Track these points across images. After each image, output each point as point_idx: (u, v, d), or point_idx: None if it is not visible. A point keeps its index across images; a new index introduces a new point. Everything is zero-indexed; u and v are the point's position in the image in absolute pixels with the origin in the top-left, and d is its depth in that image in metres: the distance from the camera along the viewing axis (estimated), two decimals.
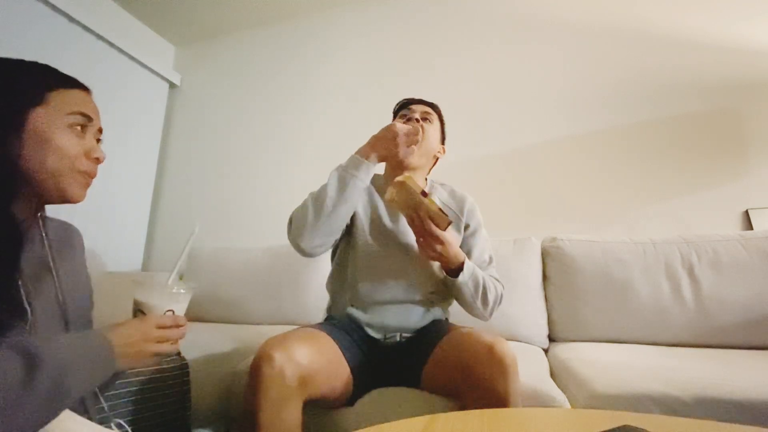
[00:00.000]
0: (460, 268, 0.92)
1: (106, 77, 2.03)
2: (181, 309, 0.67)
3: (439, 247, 0.88)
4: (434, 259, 0.92)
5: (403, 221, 0.98)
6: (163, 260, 2.24)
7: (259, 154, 2.23)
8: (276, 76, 2.30)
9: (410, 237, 0.97)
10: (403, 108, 1.14)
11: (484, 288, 0.95)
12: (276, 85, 2.29)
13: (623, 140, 1.63)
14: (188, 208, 2.30)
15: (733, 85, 1.53)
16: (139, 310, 0.65)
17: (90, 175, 0.63)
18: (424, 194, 0.86)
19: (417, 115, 1.09)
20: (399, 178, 0.87)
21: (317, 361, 0.77)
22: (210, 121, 2.39)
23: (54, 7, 1.77)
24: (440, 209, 0.86)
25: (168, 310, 0.64)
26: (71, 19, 1.84)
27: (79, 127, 0.61)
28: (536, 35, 1.83)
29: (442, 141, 1.16)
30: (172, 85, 2.47)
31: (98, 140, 0.66)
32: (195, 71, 2.50)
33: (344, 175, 0.92)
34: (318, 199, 0.91)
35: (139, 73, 2.23)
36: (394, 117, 1.15)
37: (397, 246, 1.02)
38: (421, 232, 0.88)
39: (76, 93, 0.62)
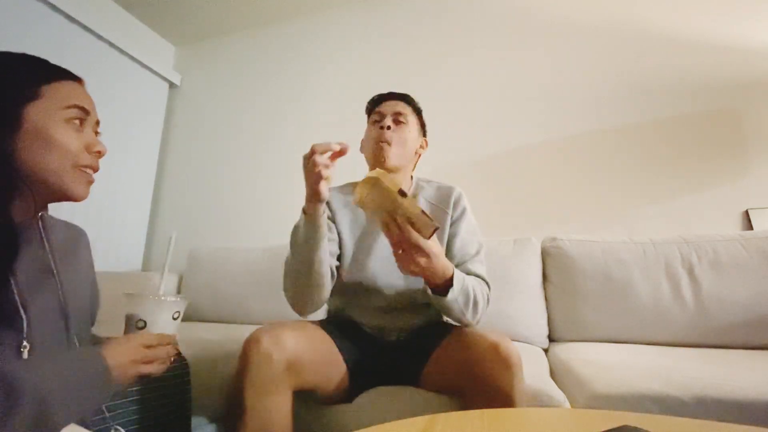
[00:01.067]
0: (448, 283, 0.79)
1: (106, 77, 2.03)
2: (176, 322, 0.63)
3: (423, 261, 0.72)
4: (416, 274, 0.76)
5: None
6: (163, 260, 2.24)
7: (259, 154, 2.23)
8: (276, 76, 2.30)
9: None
10: (375, 106, 1.06)
11: (475, 299, 0.84)
12: (276, 85, 2.29)
13: (623, 140, 1.63)
14: (188, 208, 2.30)
15: (733, 85, 1.53)
16: (131, 325, 0.61)
17: (93, 170, 0.60)
18: (403, 194, 0.69)
19: (389, 122, 0.99)
20: (371, 174, 0.70)
21: (307, 350, 0.78)
22: (210, 121, 2.39)
23: (54, 7, 1.77)
24: (423, 212, 0.70)
25: (138, 320, 0.60)
26: (71, 19, 1.84)
27: (77, 121, 0.58)
28: (536, 35, 1.83)
29: (423, 134, 1.08)
30: (172, 85, 2.47)
31: (96, 133, 0.63)
32: (195, 71, 2.50)
33: (292, 239, 0.83)
34: (288, 273, 0.85)
35: (139, 73, 2.23)
36: (368, 117, 1.08)
37: (382, 255, 0.96)
38: (399, 241, 0.72)
39: (69, 85, 0.59)
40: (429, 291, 0.83)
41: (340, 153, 0.73)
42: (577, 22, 1.77)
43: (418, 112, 1.07)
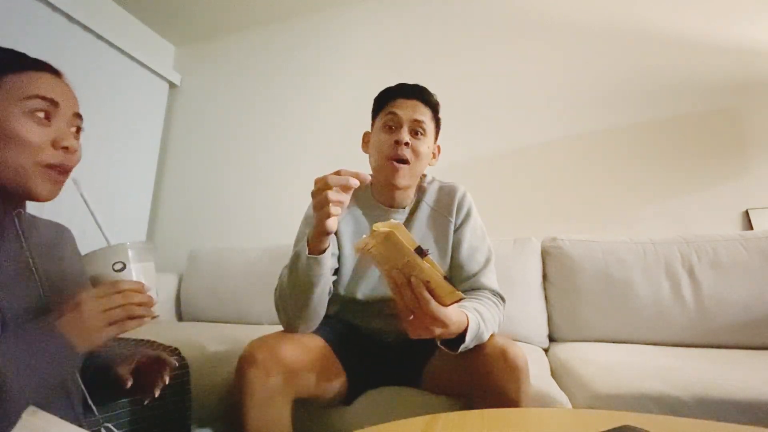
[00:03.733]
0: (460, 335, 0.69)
1: (106, 77, 2.03)
2: (138, 269, 0.56)
3: (438, 330, 0.64)
4: (427, 337, 0.66)
5: None
6: (163, 261, 2.24)
7: (259, 154, 2.23)
8: (276, 76, 2.30)
9: None
10: (388, 102, 0.92)
11: (483, 337, 0.75)
12: (276, 85, 2.29)
13: (623, 140, 1.63)
14: (188, 208, 2.30)
15: (733, 85, 1.53)
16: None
17: (60, 170, 0.55)
18: (421, 252, 0.57)
19: (406, 137, 0.87)
20: (382, 227, 0.57)
21: (303, 360, 0.77)
22: (210, 121, 2.39)
23: (54, 7, 1.76)
24: (445, 276, 0.59)
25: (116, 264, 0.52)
26: (71, 19, 1.84)
27: (42, 114, 0.53)
28: (536, 35, 1.83)
29: (436, 135, 0.97)
30: (172, 85, 2.46)
31: (78, 128, 0.59)
32: (195, 71, 2.50)
33: (292, 268, 0.78)
34: (282, 298, 0.81)
35: (139, 73, 2.23)
36: (375, 115, 0.97)
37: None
38: (411, 306, 0.61)
39: (35, 75, 0.55)
40: (438, 343, 0.74)
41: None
42: (577, 22, 1.77)
43: (435, 112, 0.95)
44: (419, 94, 0.92)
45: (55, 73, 0.58)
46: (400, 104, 0.91)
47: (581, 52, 1.75)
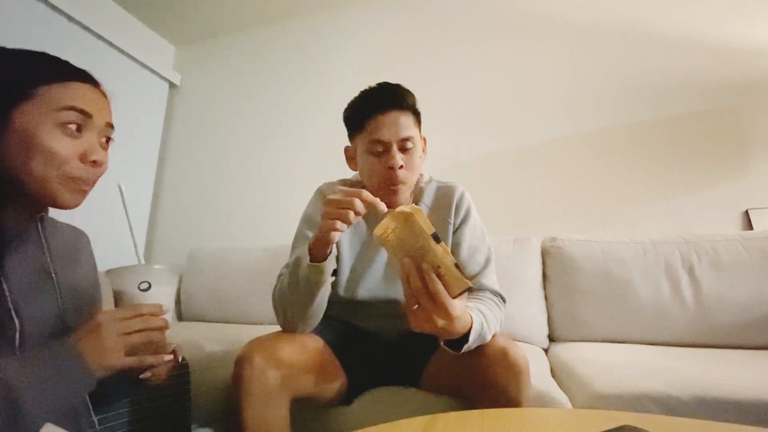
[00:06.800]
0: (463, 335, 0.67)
1: (106, 77, 2.01)
2: (161, 293, 0.57)
3: (442, 323, 0.60)
4: (429, 332, 0.63)
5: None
6: (163, 261, 2.24)
7: (259, 154, 2.23)
8: (276, 75, 2.30)
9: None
10: (365, 120, 0.87)
11: (486, 337, 0.73)
12: (276, 85, 2.29)
13: (623, 140, 1.63)
14: (188, 207, 2.30)
15: (733, 85, 1.53)
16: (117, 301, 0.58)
17: (85, 182, 0.55)
18: (436, 238, 0.58)
19: (399, 160, 0.83)
20: (404, 208, 0.59)
21: (301, 360, 0.77)
22: (210, 121, 2.39)
23: (54, 7, 1.76)
24: (457, 264, 0.59)
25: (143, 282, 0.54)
26: (71, 19, 1.84)
27: (74, 126, 0.53)
28: (537, 35, 1.83)
29: (420, 130, 0.93)
30: (172, 85, 2.46)
31: (108, 138, 0.59)
32: (195, 71, 2.50)
33: (292, 274, 0.78)
34: (282, 302, 0.80)
35: (139, 73, 2.23)
36: (354, 132, 0.93)
37: (382, 269, 0.92)
38: (419, 294, 0.59)
39: (73, 86, 0.55)
40: (441, 342, 0.72)
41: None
42: (578, 22, 1.77)
43: (415, 110, 0.90)
44: (397, 102, 0.86)
45: (93, 82, 0.58)
46: (381, 124, 0.85)
47: (581, 52, 1.75)
